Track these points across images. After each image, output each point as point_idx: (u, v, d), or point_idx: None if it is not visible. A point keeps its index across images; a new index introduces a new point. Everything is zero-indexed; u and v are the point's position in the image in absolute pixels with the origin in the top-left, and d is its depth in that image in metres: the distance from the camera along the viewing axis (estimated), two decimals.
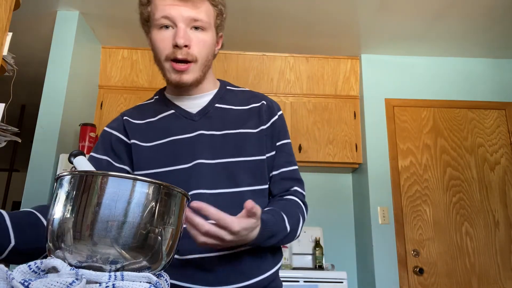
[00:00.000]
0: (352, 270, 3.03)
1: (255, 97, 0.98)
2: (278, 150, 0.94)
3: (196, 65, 0.87)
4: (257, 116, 0.94)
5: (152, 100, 1.01)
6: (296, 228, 0.87)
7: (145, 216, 0.48)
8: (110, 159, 0.91)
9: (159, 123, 0.93)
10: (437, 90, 3.11)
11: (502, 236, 2.80)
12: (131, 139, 0.91)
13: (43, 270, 0.47)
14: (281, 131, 0.96)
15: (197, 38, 0.86)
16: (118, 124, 0.95)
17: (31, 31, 2.94)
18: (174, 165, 0.86)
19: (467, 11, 2.61)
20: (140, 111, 0.97)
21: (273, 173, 0.94)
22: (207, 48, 0.88)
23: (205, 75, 0.92)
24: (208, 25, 0.87)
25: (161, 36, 0.86)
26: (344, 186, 3.25)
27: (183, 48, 0.83)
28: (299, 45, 3.10)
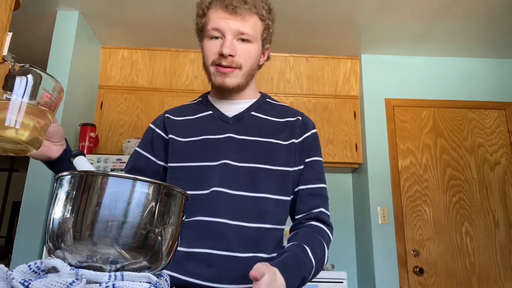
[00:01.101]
0: (352, 270, 3.03)
1: (292, 112, 1.03)
2: (307, 166, 0.97)
3: (240, 72, 0.94)
4: (290, 130, 0.98)
5: (195, 101, 1.08)
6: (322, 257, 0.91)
7: (145, 216, 0.48)
8: (149, 155, 0.99)
9: (196, 122, 1.00)
10: (437, 90, 3.11)
11: (502, 236, 2.80)
12: (169, 134, 0.98)
13: (43, 270, 0.47)
14: (312, 148, 0.99)
15: (243, 48, 0.93)
16: (160, 121, 1.03)
17: (31, 31, 2.93)
18: (203, 161, 0.92)
19: (467, 11, 2.61)
20: (182, 109, 1.05)
21: (300, 188, 0.96)
22: (252, 58, 0.95)
23: (247, 83, 0.99)
24: (254, 38, 0.94)
25: (210, 44, 0.93)
26: (344, 186, 3.25)
27: (228, 57, 0.90)
28: (299, 45, 3.10)
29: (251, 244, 0.86)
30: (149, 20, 2.75)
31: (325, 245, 0.93)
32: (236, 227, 0.86)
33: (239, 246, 0.85)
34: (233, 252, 0.84)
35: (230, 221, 0.86)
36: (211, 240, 0.84)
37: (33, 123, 0.58)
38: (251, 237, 0.87)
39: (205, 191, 0.88)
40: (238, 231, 0.86)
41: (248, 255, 0.85)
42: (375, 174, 2.90)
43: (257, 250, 0.87)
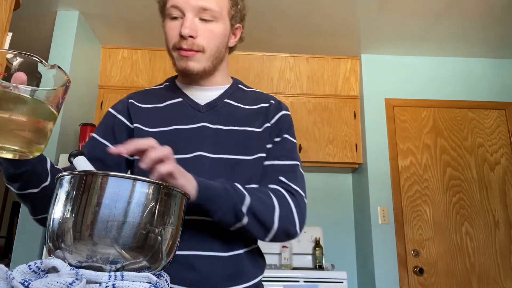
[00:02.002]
0: (352, 270, 3.03)
1: (264, 98, 0.97)
2: (276, 143, 0.90)
3: (203, 55, 0.85)
4: (264, 116, 0.92)
5: (161, 86, 0.99)
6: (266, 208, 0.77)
7: (145, 216, 0.48)
8: (109, 144, 0.88)
9: (164, 110, 0.91)
10: (437, 90, 3.11)
11: (502, 236, 2.80)
12: (134, 123, 0.89)
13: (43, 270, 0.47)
14: (283, 127, 0.92)
15: (206, 28, 0.84)
16: (122, 106, 0.92)
17: (31, 31, 2.93)
18: (174, 153, 0.84)
19: (467, 11, 2.61)
20: (147, 95, 0.95)
21: (266, 163, 0.87)
22: (216, 39, 0.86)
23: (215, 68, 0.90)
24: (219, 15, 0.85)
25: (170, 25, 0.85)
26: (344, 186, 3.25)
27: (188, 38, 0.82)
28: (299, 45, 3.10)
29: (233, 241, 0.81)
30: (149, 20, 2.75)
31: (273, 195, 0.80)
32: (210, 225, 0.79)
33: (222, 245, 0.79)
34: (216, 252, 0.78)
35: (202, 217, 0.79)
36: (193, 241, 0.77)
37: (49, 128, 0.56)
38: (234, 233, 0.80)
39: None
40: (220, 228, 0.79)
41: (232, 253, 0.80)
42: (375, 174, 2.90)
43: (239, 247, 0.82)
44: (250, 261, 0.83)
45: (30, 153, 0.54)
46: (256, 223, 0.76)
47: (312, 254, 3.01)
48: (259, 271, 0.85)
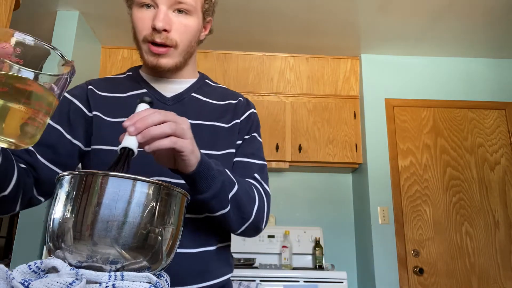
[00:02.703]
0: (352, 270, 3.03)
1: (232, 94, 0.96)
2: (245, 141, 0.90)
3: (176, 51, 0.82)
4: (232, 112, 0.91)
5: (123, 75, 0.94)
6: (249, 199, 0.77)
7: (145, 216, 0.48)
8: (63, 130, 0.82)
9: (127, 100, 0.86)
10: (437, 90, 3.11)
11: (502, 236, 2.80)
12: (93, 111, 0.84)
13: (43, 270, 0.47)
14: (253, 125, 0.92)
15: (180, 22, 0.80)
16: (81, 92, 0.86)
17: (31, 31, 2.93)
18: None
19: (467, 11, 2.61)
20: (109, 83, 0.90)
21: (235, 159, 0.87)
22: (189, 34, 0.83)
23: (186, 62, 0.87)
24: (193, 9, 0.81)
25: (141, 15, 0.80)
26: (344, 186, 3.25)
27: (162, 32, 0.78)
28: (299, 45, 3.10)
29: (201, 237, 0.79)
30: None
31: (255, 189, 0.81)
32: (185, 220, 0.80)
33: (190, 241, 0.77)
34: (184, 248, 0.76)
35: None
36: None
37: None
38: (201, 229, 0.79)
39: None
40: (186, 225, 0.77)
41: (199, 250, 0.78)
42: (375, 174, 2.90)
43: (207, 243, 0.80)
44: (220, 258, 0.82)
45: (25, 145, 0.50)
46: (236, 212, 0.75)
47: (312, 254, 3.01)
48: (228, 270, 0.84)
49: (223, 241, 0.85)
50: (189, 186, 0.68)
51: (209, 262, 0.79)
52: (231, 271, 0.86)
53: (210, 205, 0.71)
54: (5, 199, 0.70)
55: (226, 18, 2.75)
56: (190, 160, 0.63)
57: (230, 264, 0.86)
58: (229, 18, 2.75)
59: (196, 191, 0.68)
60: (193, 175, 0.66)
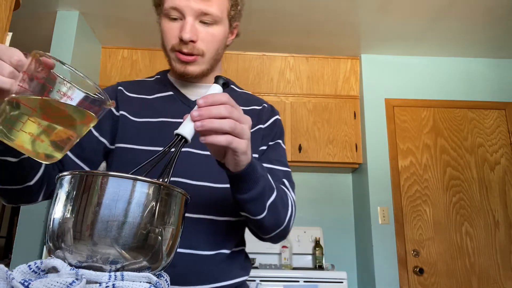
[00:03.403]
0: (352, 270, 3.03)
1: (257, 100, 0.97)
2: (270, 147, 0.90)
3: (203, 59, 0.84)
4: (256, 117, 0.91)
5: (152, 78, 0.97)
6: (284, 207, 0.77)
7: (145, 216, 0.48)
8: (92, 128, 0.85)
9: (153, 102, 0.89)
10: (437, 90, 3.11)
11: (502, 236, 2.80)
12: (120, 111, 0.87)
13: (43, 270, 0.47)
14: (277, 132, 0.93)
15: (206, 32, 0.82)
16: (110, 92, 0.90)
17: (31, 31, 2.93)
18: (158, 145, 0.81)
19: (467, 11, 2.61)
20: (138, 85, 0.94)
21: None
22: (216, 43, 0.84)
23: (212, 68, 0.89)
24: (219, 19, 0.82)
25: (169, 25, 0.83)
26: (344, 186, 3.25)
27: (189, 43, 0.80)
28: (299, 45, 3.10)
29: (217, 240, 0.80)
30: (149, 20, 2.74)
31: (288, 196, 0.81)
32: (200, 222, 0.78)
33: (205, 243, 0.78)
34: (197, 250, 0.77)
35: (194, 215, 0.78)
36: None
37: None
38: (218, 232, 0.80)
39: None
40: (202, 225, 0.78)
41: (213, 252, 0.78)
42: (375, 174, 2.90)
43: (222, 246, 0.80)
44: (233, 262, 0.82)
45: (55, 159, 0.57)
46: (271, 218, 0.74)
47: (312, 254, 3.01)
48: (241, 273, 0.84)
49: (238, 245, 0.85)
50: (231, 183, 0.68)
51: (222, 264, 0.79)
52: (246, 274, 0.85)
53: (247, 207, 0.70)
54: (30, 189, 0.73)
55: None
56: (241, 160, 0.62)
57: (245, 267, 0.86)
58: None
59: (236, 190, 0.68)
60: (238, 175, 0.65)
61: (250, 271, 0.88)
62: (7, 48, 0.54)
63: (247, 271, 0.86)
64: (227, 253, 0.81)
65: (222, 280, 0.78)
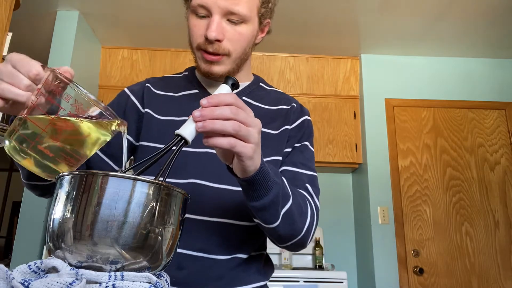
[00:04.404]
0: (352, 270, 3.03)
1: (286, 99, 0.93)
2: (295, 149, 0.86)
3: (229, 59, 0.80)
4: (283, 118, 0.88)
5: (180, 75, 0.96)
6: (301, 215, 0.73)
7: (145, 216, 0.48)
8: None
9: (179, 100, 0.88)
10: (437, 90, 3.11)
11: (502, 236, 2.80)
12: (146, 108, 0.86)
13: (43, 270, 0.47)
14: (304, 134, 0.88)
15: (233, 30, 0.78)
16: (138, 89, 0.90)
17: (31, 31, 2.94)
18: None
19: (467, 11, 2.61)
20: (166, 83, 0.92)
21: (284, 168, 0.83)
22: (243, 42, 0.80)
23: (239, 67, 0.85)
24: (247, 18, 0.79)
25: (195, 22, 0.80)
26: (344, 186, 3.25)
27: (215, 42, 0.77)
28: (299, 45, 3.10)
29: (232, 244, 0.77)
30: (149, 20, 2.75)
31: (308, 204, 0.77)
32: (217, 225, 0.77)
33: (218, 247, 0.76)
34: (209, 254, 0.75)
35: (209, 218, 0.76)
36: (187, 240, 0.73)
37: None
38: (234, 237, 0.77)
39: (182, 181, 0.77)
40: (220, 229, 0.76)
41: (227, 257, 0.76)
42: (375, 174, 2.90)
43: (239, 250, 0.78)
44: (250, 267, 0.80)
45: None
46: (286, 228, 0.71)
47: (312, 254, 3.01)
48: (259, 278, 0.81)
49: (257, 249, 0.83)
50: (243, 190, 0.65)
51: (237, 269, 0.77)
52: (264, 279, 0.82)
53: (259, 215, 0.67)
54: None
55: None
56: (247, 166, 0.59)
57: (264, 272, 0.83)
58: None
59: (247, 197, 0.65)
60: (248, 181, 0.62)
61: (270, 275, 0.85)
62: (27, 60, 0.54)
63: (267, 276, 0.83)
64: (244, 257, 0.78)
65: (236, 285, 0.76)
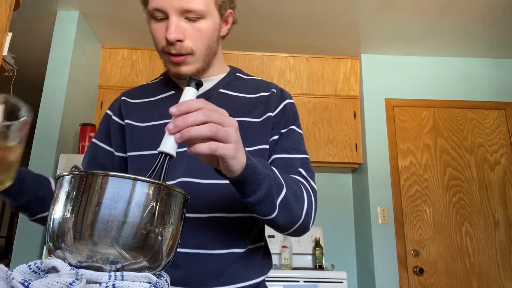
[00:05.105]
0: (352, 270, 3.03)
1: (265, 86, 0.91)
2: (283, 135, 0.85)
3: (194, 57, 0.80)
4: (264, 105, 0.86)
5: (156, 80, 0.96)
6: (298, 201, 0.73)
7: (145, 216, 0.48)
8: (108, 147, 0.88)
9: (157, 104, 0.88)
10: (437, 90, 3.11)
11: (502, 236, 2.80)
12: (125, 120, 0.87)
13: (43, 270, 0.47)
14: (289, 118, 0.87)
15: (193, 28, 0.78)
16: (116, 105, 0.91)
17: (31, 31, 2.93)
18: None
19: (467, 11, 2.61)
20: (142, 90, 0.93)
21: (275, 156, 0.83)
22: (206, 38, 0.80)
23: (209, 64, 0.85)
24: (205, 12, 0.78)
25: (155, 26, 0.80)
26: (344, 186, 3.25)
27: (176, 43, 0.77)
28: (299, 45, 3.10)
29: (228, 238, 0.77)
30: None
31: (303, 188, 0.76)
32: (210, 220, 0.76)
33: (213, 242, 0.75)
34: (205, 249, 0.75)
35: (202, 214, 0.76)
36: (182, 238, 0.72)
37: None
38: (229, 230, 0.77)
39: (170, 182, 0.77)
40: (212, 224, 0.76)
41: (223, 251, 0.76)
42: (375, 174, 2.90)
43: (235, 245, 0.77)
44: (248, 261, 0.79)
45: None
46: (284, 216, 0.71)
47: (312, 254, 3.01)
48: (258, 273, 0.80)
49: (254, 242, 0.82)
50: (235, 188, 0.65)
51: (234, 265, 0.77)
52: (263, 274, 0.82)
53: (255, 209, 0.67)
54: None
55: None
56: (232, 166, 0.59)
57: (262, 266, 0.83)
58: None
59: (240, 194, 0.65)
60: (237, 180, 0.62)
61: (269, 269, 0.85)
62: None
63: (265, 270, 0.83)
64: (241, 252, 0.78)
65: (234, 283, 0.76)
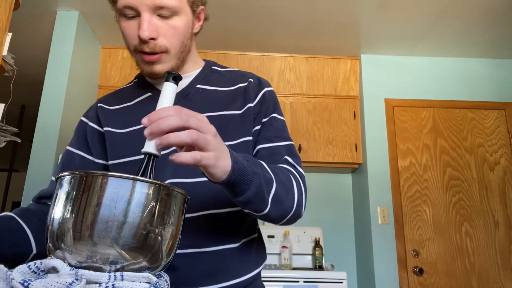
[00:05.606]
0: (352, 270, 3.03)
1: (242, 76, 0.89)
2: (265, 124, 0.84)
3: (168, 55, 0.78)
4: (243, 96, 0.85)
5: (131, 83, 0.93)
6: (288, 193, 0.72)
7: (145, 216, 0.48)
8: (85, 154, 0.85)
9: (136, 107, 0.86)
10: (437, 90, 3.11)
11: (502, 236, 2.80)
12: (104, 127, 0.84)
13: (42, 271, 0.47)
14: (270, 106, 0.86)
15: (167, 25, 0.76)
16: (93, 112, 0.88)
17: (31, 31, 2.93)
18: None
19: (467, 11, 2.61)
20: (118, 96, 0.90)
21: (260, 147, 0.81)
22: (179, 35, 0.78)
23: (184, 60, 0.83)
24: (178, 9, 0.76)
25: (126, 24, 0.77)
26: (344, 186, 3.25)
27: (149, 41, 0.75)
28: (299, 45, 3.10)
29: (220, 234, 0.76)
30: None
31: (292, 176, 0.75)
32: (201, 218, 0.75)
33: (206, 240, 0.75)
34: (198, 247, 0.74)
35: (193, 213, 0.75)
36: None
37: None
38: (220, 226, 0.77)
39: None
40: (204, 222, 0.75)
41: (217, 248, 0.75)
42: (375, 174, 2.90)
43: (229, 240, 0.77)
44: (243, 256, 0.78)
45: None
46: (276, 209, 0.70)
47: (312, 254, 3.01)
48: (253, 267, 0.79)
49: (248, 235, 0.81)
50: (225, 189, 0.64)
51: (230, 260, 0.76)
52: (258, 266, 0.81)
53: (247, 208, 0.67)
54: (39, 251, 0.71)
55: (226, 19, 2.75)
56: (215, 173, 0.58)
57: (256, 259, 0.82)
58: (229, 18, 2.75)
59: (230, 194, 0.65)
60: (225, 183, 0.61)
61: (264, 261, 0.84)
62: None
63: (259, 263, 0.82)
64: (236, 246, 0.77)
65: (229, 279, 0.75)
